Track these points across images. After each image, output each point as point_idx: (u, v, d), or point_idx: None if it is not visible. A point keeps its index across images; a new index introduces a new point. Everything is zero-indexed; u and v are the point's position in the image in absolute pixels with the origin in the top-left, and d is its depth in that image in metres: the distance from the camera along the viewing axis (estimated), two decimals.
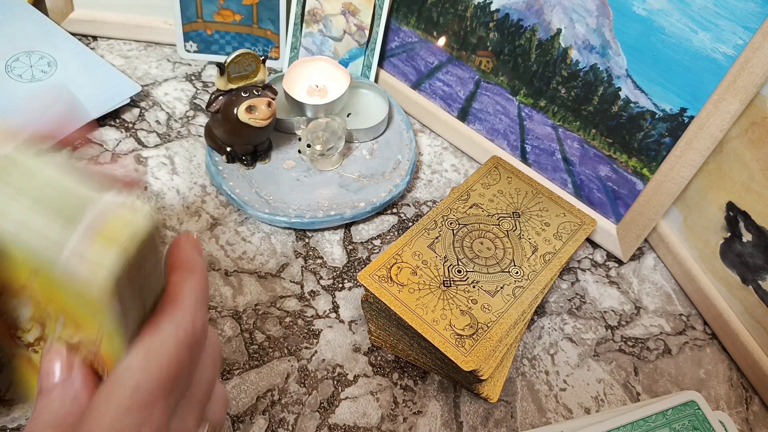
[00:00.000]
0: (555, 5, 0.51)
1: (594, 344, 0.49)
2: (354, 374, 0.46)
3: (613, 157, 0.53)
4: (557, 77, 0.53)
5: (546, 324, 0.50)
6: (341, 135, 0.54)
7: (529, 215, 0.50)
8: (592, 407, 0.46)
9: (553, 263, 0.46)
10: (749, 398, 0.47)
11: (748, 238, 0.46)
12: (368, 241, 0.54)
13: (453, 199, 0.50)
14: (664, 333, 0.51)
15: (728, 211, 0.48)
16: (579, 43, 0.51)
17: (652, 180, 0.50)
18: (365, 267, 0.44)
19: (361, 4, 0.63)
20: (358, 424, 0.43)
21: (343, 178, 0.56)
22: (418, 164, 0.61)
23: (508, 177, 0.53)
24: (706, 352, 0.50)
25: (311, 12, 0.64)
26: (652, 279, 0.54)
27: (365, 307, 0.47)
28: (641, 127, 0.50)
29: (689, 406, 0.42)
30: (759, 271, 0.46)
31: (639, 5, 0.46)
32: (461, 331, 0.41)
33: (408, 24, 0.63)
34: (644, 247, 0.57)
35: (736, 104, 0.43)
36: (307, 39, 0.65)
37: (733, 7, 0.42)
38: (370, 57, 0.64)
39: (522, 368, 0.47)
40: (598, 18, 0.49)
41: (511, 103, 0.58)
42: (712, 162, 0.48)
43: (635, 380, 0.47)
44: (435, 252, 0.46)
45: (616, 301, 0.52)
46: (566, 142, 0.55)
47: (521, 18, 0.54)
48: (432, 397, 0.45)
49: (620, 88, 0.50)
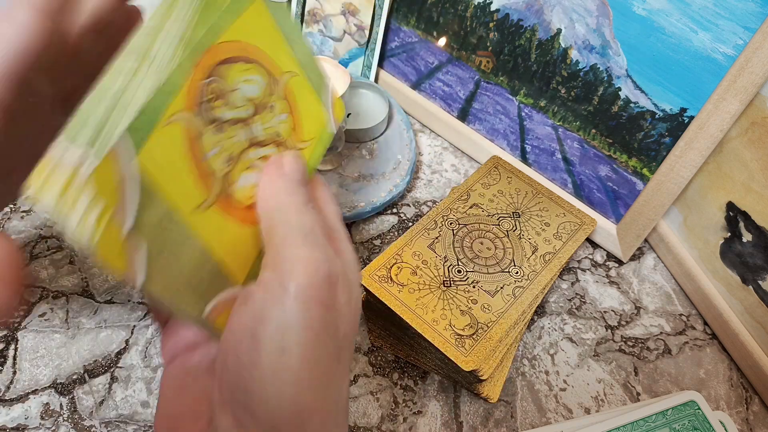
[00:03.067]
0: (555, 5, 0.51)
1: (594, 344, 0.49)
2: (354, 374, 0.46)
3: (613, 157, 0.53)
4: (557, 77, 0.53)
5: (546, 324, 0.50)
6: (341, 135, 0.54)
7: (529, 215, 0.50)
8: (592, 407, 0.46)
9: (553, 263, 0.46)
10: (749, 398, 0.47)
11: (748, 238, 0.46)
12: (368, 241, 0.54)
13: (453, 199, 0.50)
14: (664, 333, 0.51)
15: (728, 211, 0.48)
16: (579, 43, 0.51)
17: (652, 180, 0.50)
18: (365, 267, 0.44)
19: (361, 4, 0.63)
20: (358, 423, 0.43)
21: (343, 178, 0.56)
22: (418, 164, 0.61)
23: (508, 177, 0.53)
24: (706, 352, 0.50)
25: (311, 12, 0.64)
26: (652, 279, 0.54)
27: (365, 307, 0.47)
28: (641, 127, 0.50)
29: (689, 406, 0.42)
30: (759, 271, 0.46)
31: (639, 5, 0.46)
32: (461, 331, 0.41)
33: (408, 24, 0.63)
34: (644, 247, 0.57)
35: (736, 104, 0.43)
36: (307, 39, 0.65)
37: (733, 7, 0.42)
38: (370, 57, 0.64)
39: (522, 368, 0.47)
40: (598, 18, 0.49)
41: (511, 103, 0.58)
42: (712, 162, 0.48)
43: (635, 380, 0.47)
44: (435, 252, 0.46)
45: (616, 301, 0.52)
46: (566, 142, 0.55)
47: (521, 18, 0.54)
48: (432, 397, 0.45)
49: (620, 88, 0.50)
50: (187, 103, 0.23)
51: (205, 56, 0.23)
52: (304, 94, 0.30)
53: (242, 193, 0.26)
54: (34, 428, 0.41)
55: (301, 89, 0.30)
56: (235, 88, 0.25)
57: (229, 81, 0.25)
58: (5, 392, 0.43)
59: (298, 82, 0.30)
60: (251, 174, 0.27)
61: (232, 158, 0.25)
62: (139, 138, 0.20)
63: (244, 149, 0.26)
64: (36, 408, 0.42)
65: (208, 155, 0.24)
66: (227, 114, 0.25)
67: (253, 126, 0.27)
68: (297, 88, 0.30)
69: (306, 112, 0.30)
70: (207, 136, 0.24)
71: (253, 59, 0.26)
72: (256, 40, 0.26)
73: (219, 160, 0.25)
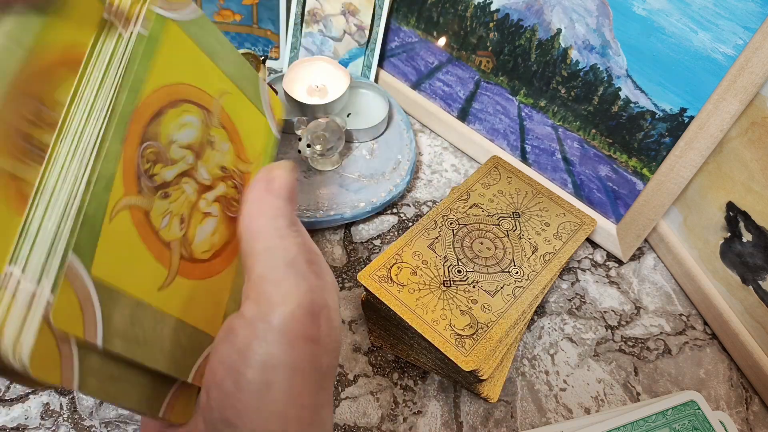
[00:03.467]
0: (555, 5, 0.51)
1: (594, 344, 0.49)
2: (354, 374, 0.46)
3: (613, 157, 0.53)
4: (557, 77, 0.53)
5: (546, 324, 0.50)
6: (341, 135, 0.54)
7: (529, 215, 0.50)
8: (592, 407, 0.46)
9: (553, 263, 0.46)
10: (749, 398, 0.47)
11: (748, 238, 0.46)
12: (368, 241, 0.54)
13: (453, 199, 0.50)
14: (664, 333, 0.51)
15: (728, 211, 0.48)
16: (579, 43, 0.51)
17: (652, 180, 0.50)
18: (365, 267, 0.44)
19: (361, 4, 0.63)
20: (359, 423, 0.43)
21: (343, 178, 0.56)
22: (418, 164, 0.61)
23: (508, 177, 0.53)
24: (706, 352, 0.50)
25: (311, 12, 0.64)
26: (652, 279, 0.54)
27: (365, 307, 0.47)
28: (641, 127, 0.50)
29: (689, 406, 0.42)
30: (759, 271, 0.46)
31: (639, 5, 0.46)
32: (461, 331, 0.41)
33: (408, 24, 0.63)
34: (644, 247, 0.57)
35: (736, 104, 0.43)
36: (307, 39, 0.65)
37: (733, 7, 0.42)
38: (370, 57, 0.64)
39: (522, 368, 0.47)
40: (598, 18, 0.49)
41: (511, 103, 0.58)
42: (712, 162, 0.48)
43: (635, 380, 0.47)
44: (435, 252, 0.46)
45: (616, 301, 0.52)
46: (566, 142, 0.55)
47: (521, 18, 0.54)
48: (432, 397, 0.45)
49: (620, 88, 0.50)
50: (126, 187, 0.21)
51: (132, 124, 0.21)
52: (240, 109, 0.29)
53: (203, 247, 0.26)
54: (34, 428, 0.41)
55: (236, 106, 0.28)
56: (171, 141, 0.24)
57: (164, 137, 0.23)
58: (5, 392, 0.43)
59: (232, 99, 0.28)
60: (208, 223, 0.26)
61: (185, 219, 0.24)
62: (88, 252, 0.19)
63: (194, 204, 0.25)
64: (36, 408, 0.42)
65: (161, 228, 0.23)
66: (169, 174, 0.24)
67: (197, 173, 0.25)
68: (232, 107, 0.28)
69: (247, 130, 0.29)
70: (155, 208, 0.23)
71: (183, 99, 0.24)
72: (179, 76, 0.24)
73: (172, 229, 0.24)
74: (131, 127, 0.21)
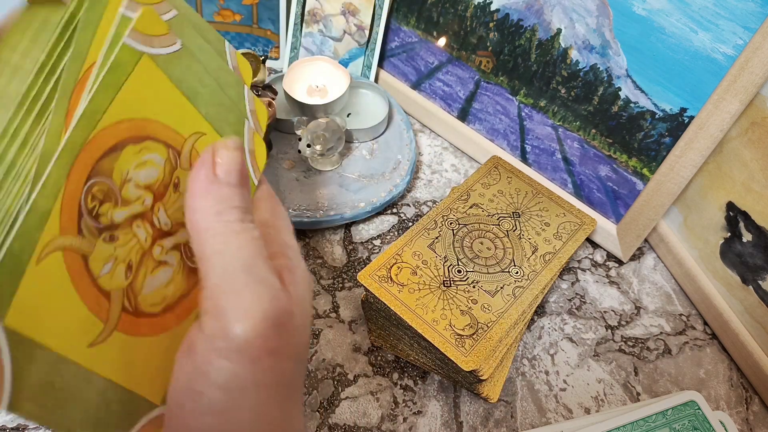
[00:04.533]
0: (555, 5, 0.51)
1: (594, 344, 0.49)
2: (354, 374, 0.46)
3: (613, 157, 0.53)
4: (557, 77, 0.53)
5: (546, 324, 0.50)
6: (341, 135, 0.54)
7: (529, 215, 0.50)
8: (592, 407, 0.46)
9: (553, 263, 0.46)
10: (749, 398, 0.47)
11: (748, 238, 0.46)
12: (368, 241, 0.54)
13: (453, 199, 0.50)
14: (664, 333, 0.51)
15: (728, 211, 0.48)
16: (579, 43, 0.51)
17: (652, 180, 0.50)
18: (365, 267, 0.44)
19: (361, 4, 0.63)
20: (359, 423, 0.43)
21: (343, 178, 0.56)
22: (418, 164, 0.61)
23: (508, 177, 0.53)
24: (706, 352, 0.50)
25: (311, 12, 0.64)
26: (652, 279, 0.54)
27: (365, 307, 0.47)
28: (641, 127, 0.50)
29: (689, 406, 0.42)
30: (759, 271, 0.46)
31: (639, 5, 0.46)
32: (461, 331, 0.41)
33: (408, 24, 0.63)
34: (644, 247, 0.57)
35: (736, 104, 0.43)
36: (307, 39, 0.65)
37: (733, 7, 0.42)
38: (370, 57, 0.64)
39: (522, 368, 0.47)
40: (598, 18, 0.49)
41: (511, 103, 0.58)
42: (712, 162, 0.48)
43: (635, 380, 0.47)
44: (435, 252, 0.46)
45: (616, 301, 0.52)
46: (566, 142, 0.55)
47: (521, 18, 0.54)
48: (432, 397, 0.45)
49: (620, 88, 0.50)
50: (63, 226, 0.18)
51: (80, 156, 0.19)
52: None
53: (152, 300, 0.23)
54: (34, 428, 0.41)
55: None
56: (127, 180, 0.21)
57: (118, 174, 0.21)
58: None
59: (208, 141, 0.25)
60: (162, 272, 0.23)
61: (133, 266, 0.22)
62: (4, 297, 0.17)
63: (146, 250, 0.22)
64: None
65: (100, 275, 0.20)
66: (119, 215, 0.21)
67: (154, 217, 0.23)
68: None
69: None
70: (97, 252, 0.20)
71: (147, 136, 0.22)
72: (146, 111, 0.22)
73: (115, 277, 0.21)
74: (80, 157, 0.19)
